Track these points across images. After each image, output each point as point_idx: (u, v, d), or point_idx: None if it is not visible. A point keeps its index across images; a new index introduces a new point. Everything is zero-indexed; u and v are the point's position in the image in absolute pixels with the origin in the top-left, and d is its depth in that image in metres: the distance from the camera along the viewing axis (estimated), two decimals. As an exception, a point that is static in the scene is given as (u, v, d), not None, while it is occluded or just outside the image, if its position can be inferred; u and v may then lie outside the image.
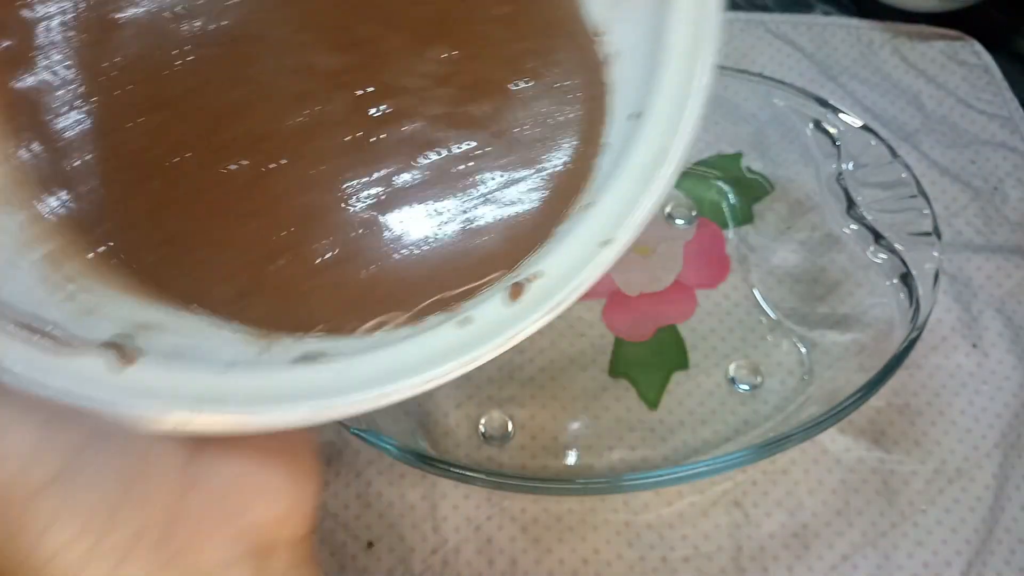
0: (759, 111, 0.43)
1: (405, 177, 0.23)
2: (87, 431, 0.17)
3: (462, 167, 0.23)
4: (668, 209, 0.45)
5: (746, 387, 0.40)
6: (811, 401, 0.37)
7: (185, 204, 0.22)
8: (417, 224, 0.23)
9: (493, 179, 0.23)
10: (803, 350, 0.40)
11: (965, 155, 0.47)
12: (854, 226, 0.39)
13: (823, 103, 0.40)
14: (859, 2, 0.54)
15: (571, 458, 0.38)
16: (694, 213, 0.44)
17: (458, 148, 0.24)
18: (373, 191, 0.23)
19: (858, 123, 0.39)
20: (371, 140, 0.23)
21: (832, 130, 0.40)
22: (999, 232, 0.45)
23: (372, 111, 0.24)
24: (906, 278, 0.36)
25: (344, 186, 0.23)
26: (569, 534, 0.37)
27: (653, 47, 0.23)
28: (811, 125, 0.40)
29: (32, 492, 0.16)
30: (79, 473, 0.16)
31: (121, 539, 0.16)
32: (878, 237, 0.38)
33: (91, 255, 0.21)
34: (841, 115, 0.39)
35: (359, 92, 0.24)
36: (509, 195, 0.23)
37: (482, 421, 0.39)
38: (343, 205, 0.23)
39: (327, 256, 0.22)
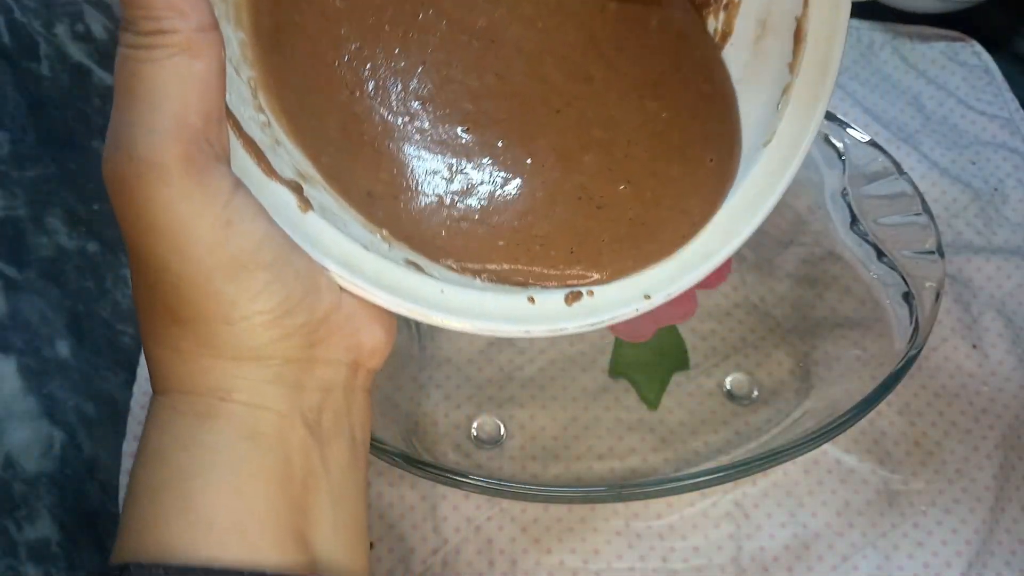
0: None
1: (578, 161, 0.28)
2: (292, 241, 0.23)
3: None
4: None
5: (744, 400, 0.40)
6: (808, 415, 0.37)
7: (365, 113, 0.26)
8: (564, 207, 0.27)
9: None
10: (801, 363, 0.40)
11: (965, 156, 0.47)
12: (857, 242, 0.39)
13: (830, 117, 0.40)
14: (859, 3, 0.54)
15: (569, 460, 0.38)
16: None
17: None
18: (547, 174, 0.27)
19: (865, 138, 0.39)
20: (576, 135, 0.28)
21: (838, 144, 0.40)
22: (999, 233, 0.45)
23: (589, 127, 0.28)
24: (907, 296, 0.36)
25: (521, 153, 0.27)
26: (569, 535, 0.37)
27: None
28: (818, 139, 0.40)
29: (257, 266, 0.21)
30: (284, 268, 0.22)
31: (292, 323, 0.22)
32: (880, 254, 0.38)
33: (267, 96, 0.25)
34: (848, 130, 0.39)
35: (583, 110, 0.28)
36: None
37: (475, 424, 0.39)
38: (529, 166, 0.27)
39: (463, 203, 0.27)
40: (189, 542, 0.21)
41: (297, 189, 0.24)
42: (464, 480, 0.33)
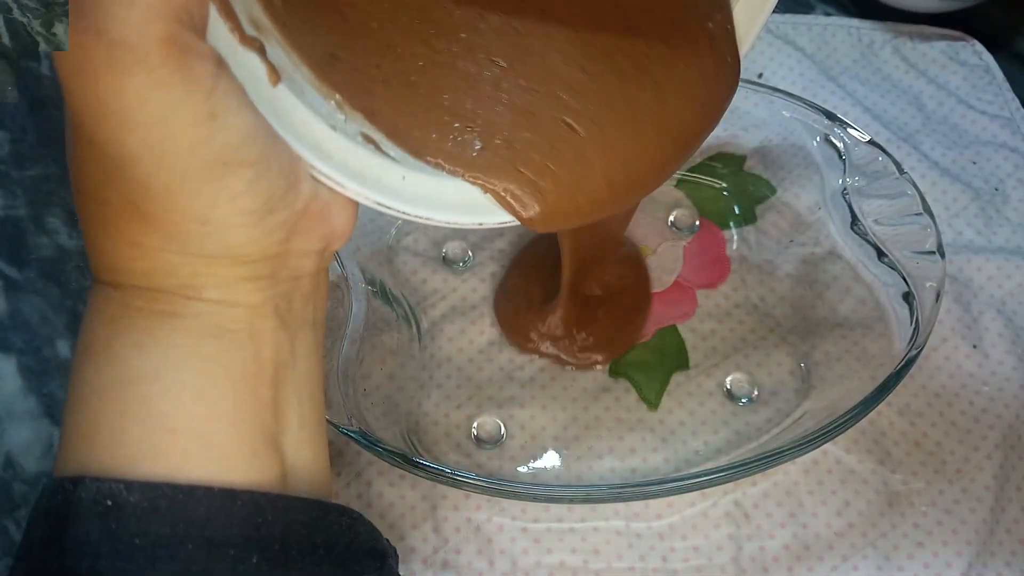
0: (769, 118, 0.43)
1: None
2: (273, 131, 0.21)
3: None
4: (671, 219, 0.44)
5: (744, 400, 0.39)
6: (808, 415, 0.37)
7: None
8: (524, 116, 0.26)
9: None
10: (802, 363, 0.40)
11: (966, 156, 0.47)
12: (857, 242, 0.39)
13: (831, 116, 0.40)
14: (860, 3, 0.54)
15: (570, 461, 0.38)
16: (697, 223, 0.44)
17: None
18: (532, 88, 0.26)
19: (865, 138, 0.39)
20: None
21: (839, 144, 0.40)
22: (1000, 233, 0.45)
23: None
24: (907, 296, 0.36)
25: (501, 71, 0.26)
26: (569, 535, 0.37)
27: None
28: (818, 139, 0.40)
29: (241, 164, 0.19)
30: (268, 163, 0.20)
31: (274, 221, 0.21)
32: (881, 254, 0.38)
33: None
34: (849, 129, 0.39)
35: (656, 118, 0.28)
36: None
37: (475, 424, 0.39)
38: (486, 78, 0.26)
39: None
40: (148, 452, 0.19)
41: (261, 50, 0.21)
42: (464, 480, 0.33)
